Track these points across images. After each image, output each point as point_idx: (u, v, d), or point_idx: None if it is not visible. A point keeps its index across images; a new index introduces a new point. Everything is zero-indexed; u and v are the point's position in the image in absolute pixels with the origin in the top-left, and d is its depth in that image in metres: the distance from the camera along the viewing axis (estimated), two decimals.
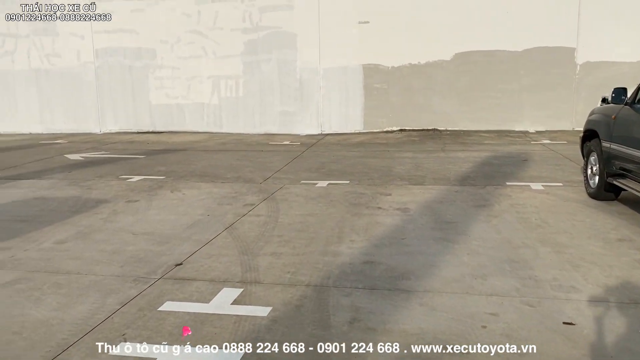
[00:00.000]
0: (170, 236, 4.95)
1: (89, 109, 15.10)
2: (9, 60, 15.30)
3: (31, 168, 9.22)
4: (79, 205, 6.31)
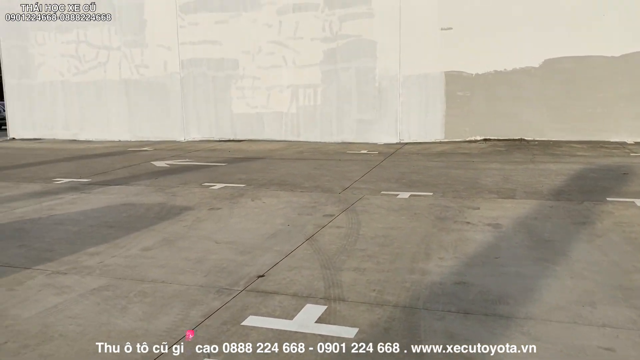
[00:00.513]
0: (252, 246, 4.89)
1: (174, 117, 15.64)
2: (102, 71, 16.17)
3: (120, 174, 9.60)
4: (164, 212, 6.43)
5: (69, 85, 16.64)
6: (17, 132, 17.71)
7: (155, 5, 15.32)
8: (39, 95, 17.12)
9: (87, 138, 16.61)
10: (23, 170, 10.45)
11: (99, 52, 16.09)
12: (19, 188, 8.36)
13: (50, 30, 16.48)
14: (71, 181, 8.90)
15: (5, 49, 17.45)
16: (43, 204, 7.00)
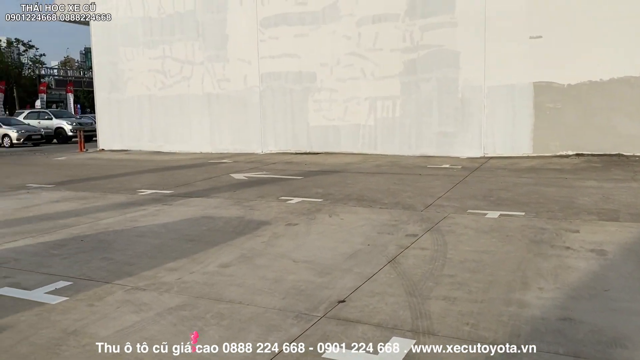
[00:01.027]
0: (331, 266, 4.65)
1: (253, 130, 15.83)
2: (186, 85, 16.68)
3: (200, 186, 9.72)
4: (242, 226, 6.35)
5: (154, 99, 17.31)
6: (107, 143, 18.63)
7: (237, 21, 15.64)
8: (127, 108, 17.94)
9: (170, 150, 17.17)
10: (110, 181, 10.85)
11: (183, 66, 16.63)
12: (105, 199, 8.63)
13: (138, 46, 17.26)
14: (154, 193, 9.09)
15: (97, 65, 18.47)
16: (127, 215, 7.14)
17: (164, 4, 16.61)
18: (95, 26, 18.03)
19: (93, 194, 9.17)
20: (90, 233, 6.17)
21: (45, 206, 8.03)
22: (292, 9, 14.80)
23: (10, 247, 5.57)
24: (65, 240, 5.82)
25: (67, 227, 6.50)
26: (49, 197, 8.87)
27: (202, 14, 16.11)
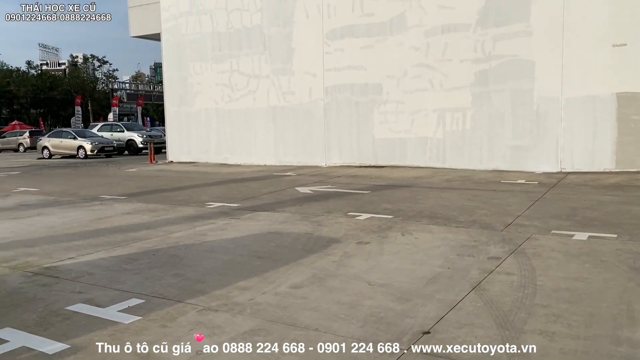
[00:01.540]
0: (410, 292, 4.35)
1: (317, 142, 15.73)
2: (252, 98, 16.83)
3: (266, 199, 9.64)
4: (311, 243, 6.15)
5: (221, 112, 17.58)
6: (175, 155, 19.08)
7: (303, 34, 15.65)
8: (195, 121, 18.31)
9: (236, 162, 17.35)
10: (179, 193, 10.99)
11: (249, 80, 16.80)
12: (175, 211, 8.69)
13: (207, 60, 17.62)
14: (222, 206, 9.08)
15: (167, 79, 19.00)
16: (196, 229, 7.11)
17: (232, 19, 16.88)
18: (165, 42, 18.58)
19: (163, 206, 9.28)
20: (162, 247, 6.15)
21: (117, 218, 8.17)
22: (358, 20, 14.64)
23: (85, 260, 5.62)
24: (137, 254, 5.81)
25: (139, 240, 6.53)
26: (121, 209, 9.04)
27: (269, 28, 16.24)
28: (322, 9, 15.23)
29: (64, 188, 12.42)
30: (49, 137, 27.32)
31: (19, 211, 9.10)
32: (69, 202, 10.04)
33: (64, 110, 68.60)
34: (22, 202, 10.23)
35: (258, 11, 16.36)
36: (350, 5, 14.76)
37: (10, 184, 13.47)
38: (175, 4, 18.11)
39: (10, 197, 11.03)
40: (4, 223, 7.96)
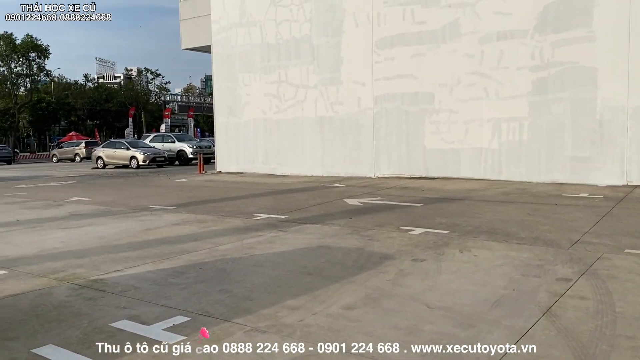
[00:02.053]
0: (473, 316, 3.99)
1: (365, 153, 15.43)
2: (299, 108, 16.72)
3: (314, 211, 9.40)
4: (363, 259, 5.85)
5: (269, 122, 17.55)
6: (223, 166, 19.17)
7: (352, 43, 15.44)
8: (243, 132, 18.36)
9: (283, 172, 17.25)
10: (227, 204, 10.91)
11: (297, 90, 16.71)
12: (222, 222, 8.57)
13: (255, 71, 17.66)
14: (269, 217, 8.91)
15: (217, 90, 19.18)
16: (244, 242, 6.93)
17: (281, 30, 16.87)
18: (215, 54, 18.77)
19: (211, 217, 9.19)
20: (209, 260, 5.99)
21: (165, 229, 8.11)
22: (409, 28, 14.31)
23: (132, 273, 5.51)
24: (184, 268, 5.67)
25: (186, 252, 6.40)
26: (169, 220, 9.00)
27: (318, 38, 16.12)
28: (372, 18, 14.99)
29: (115, 198, 12.59)
30: (103, 148, 28.13)
31: (71, 221, 9.21)
32: (120, 212, 10.11)
33: (119, 122, 70.96)
34: (74, 211, 10.37)
35: (307, 21, 16.28)
36: (400, 13, 14.46)
37: (65, 193, 13.78)
38: (225, 16, 18.28)
39: (64, 206, 11.23)
40: (55, 232, 8.03)
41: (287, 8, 16.68)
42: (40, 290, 4.94)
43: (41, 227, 8.55)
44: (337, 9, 15.67)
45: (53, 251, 6.69)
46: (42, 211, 10.54)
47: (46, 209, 10.81)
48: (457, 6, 13.64)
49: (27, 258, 6.32)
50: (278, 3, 16.88)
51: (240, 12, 17.84)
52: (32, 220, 9.37)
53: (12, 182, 18.53)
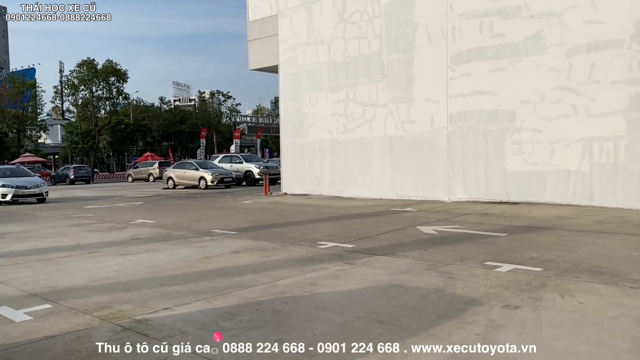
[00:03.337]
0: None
1: (439, 175, 14.44)
2: (368, 128, 16.00)
3: (384, 240, 8.58)
4: (444, 304, 4.97)
5: (336, 142, 16.94)
6: (289, 187, 18.71)
7: (425, 59, 14.60)
8: (309, 152, 17.85)
9: (350, 195, 16.53)
10: (290, 229, 10.29)
11: (365, 109, 16.02)
12: (284, 251, 7.93)
13: (322, 90, 17.16)
14: (335, 246, 8.18)
15: (283, 110, 18.84)
16: (306, 276, 6.22)
17: (349, 47, 16.31)
18: (283, 73, 18.47)
19: (273, 244, 8.58)
20: (266, 299, 5.32)
21: (224, 258, 7.56)
22: (487, 42, 13.31)
23: (180, 312, 4.92)
24: (238, 308, 5.02)
25: (243, 287, 5.77)
26: (229, 247, 8.47)
27: (388, 54, 15.41)
28: (447, 32, 14.11)
29: (179, 220, 12.31)
30: (174, 168, 28.55)
31: (130, 246, 8.88)
32: (180, 237, 9.72)
33: (192, 143, 73.11)
34: (135, 235, 10.10)
35: (377, 37, 15.63)
36: (478, 26, 13.50)
37: (131, 215, 13.70)
38: (292, 36, 17.98)
39: (127, 229, 11.03)
40: (111, 259, 7.68)
41: (356, 25, 16.11)
42: (79, 332, 4.43)
43: (99, 253, 8.25)
44: (408, 24, 14.92)
45: (104, 282, 6.27)
46: (105, 235, 10.35)
47: (109, 232, 10.62)
48: (541, 16, 12.53)
49: (76, 289, 5.92)
50: (347, 20, 16.35)
51: (308, 30, 17.47)
52: (92, 244, 9.14)
53: (85, 203, 18.91)
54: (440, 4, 14.22)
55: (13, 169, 21.51)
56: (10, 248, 8.95)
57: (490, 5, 13.33)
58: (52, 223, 12.42)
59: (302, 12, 17.60)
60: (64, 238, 9.96)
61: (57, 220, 12.96)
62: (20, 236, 10.34)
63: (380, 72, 15.58)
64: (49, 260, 7.76)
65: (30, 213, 15.08)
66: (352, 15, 16.21)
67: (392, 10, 15.30)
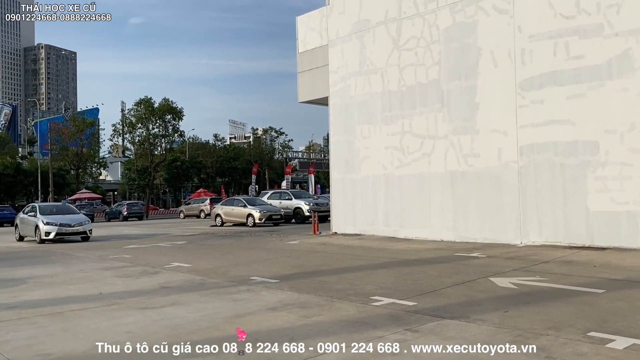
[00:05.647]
0: None
1: (509, 215, 12.77)
2: (426, 162, 14.58)
3: (452, 296, 7.09)
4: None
5: (390, 178, 15.57)
6: (339, 226, 17.38)
7: (490, 86, 13.17)
8: (361, 189, 16.54)
9: (406, 235, 15.02)
10: (339, 278, 8.93)
11: (423, 142, 14.64)
12: (330, 309, 6.58)
13: (375, 123, 15.95)
14: (392, 303, 6.76)
15: (334, 144, 17.71)
16: (354, 352, 4.84)
17: (405, 76, 15.09)
18: (333, 105, 17.44)
19: (317, 298, 7.25)
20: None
21: (257, 317, 6.28)
22: (563, 65, 11.77)
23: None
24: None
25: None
26: (266, 301, 7.21)
27: (447, 82, 14.07)
28: (515, 56, 12.67)
29: (217, 264, 11.19)
30: (222, 205, 27.82)
31: (156, 296, 7.77)
32: (213, 286, 8.56)
33: (245, 179, 73.29)
34: (165, 282, 9.01)
35: (435, 64, 14.34)
36: (551, 48, 12.00)
37: (168, 257, 12.71)
38: (344, 65, 16.97)
39: (158, 274, 9.98)
40: (129, 316, 6.55)
41: (411, 52, 14.91)
42: None
43: (118, 306, 7.17)
44: (471, 49, 13.58)
45: (110, 349, 5.09)
46: (133, 281, 9.33)
47: (138, 278, 9.59)
48: (628, 34, 10.93)
49: None
50: (402, 47, 15.19)
51: (360, 59, 16.40)
52: (116, 294, 8.09)
53: (127, 242, 18.22)
54: (506, 25, 12.84)
55: (59, 206, 21.29)
56: (26, 297, 8.03)
57: (565, 24, 11.84)
58: (83, 265, 11.58)
59: (354, 40, 16.59)
60: (88, 285, 8.99)
61: (90, 262, 12.13)
62: (44, 281, 9.47)
63: (440, 101, 14.22)
64: (59, 314, 6.74)
65: (68, 253, 14.40)
66: (407, 42, 15.04)
67: (452, 35, 14.03)
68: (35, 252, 15.14)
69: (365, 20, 16.23)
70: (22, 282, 9.40)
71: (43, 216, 18.22)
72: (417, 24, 14.85)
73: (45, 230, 17.68)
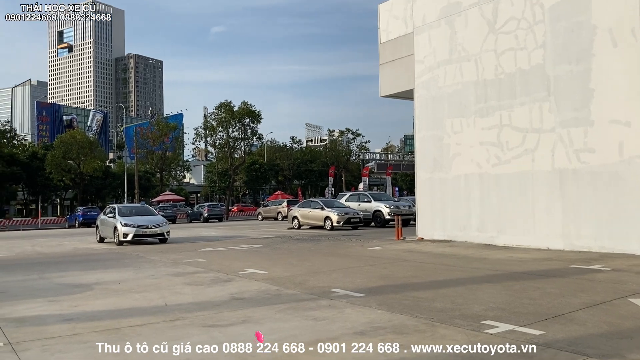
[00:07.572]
0: None
1: (634, 220, 10.82)
2: (529, 159, 12.82)
3: (588, 323, 5.55)
4: None
5: (486, 178, 13.91)
6: (426, 231, 15.89)
7: (608, 69, 11.27)
8: (452, 190, 14.97)
9: (505, 242, 13.30)
10: (436, 293, 7.55)
11: (525, 136, 12.88)
12: (434, 336, 5.26)
13: (468, 115, 14.35)
14: (511, 331, 5.35)
15: (419, 141, 16.25)
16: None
17: (502, 62, 13.40)
18: (419, 98, 15.99)
19: (415, 320, 5.95)
20: None
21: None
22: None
23: None
24: None
25: None
26: (352, 322, 6.00)
27: (554, 66, 12.26)
28: (639, 33, 10.71)
29: (294, 272, 10.14)
30: (299, 207, 26.97)
31: (226, 310, 6.78)
32: (290, 298, 7.47)
33: (322, 181, 72.82)
34: (238, 292, 8.03)
35: (539, 47, 12.56)
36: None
37: (243, 262, 11.83)
38: (431, 54, 15.49)
39: (231, 283, 9.04)
40: (191, 336, 5.55)
41: (510, 34, 13.20)
42: None
43: (182, 322, 6.21)
44: (583, 27, 11.71)
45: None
46: (203, 290, 8.43)
47: (209, 287, 8.69)
48: None
49: None
50: (499, 30, 13.51)
51: (450, 46, 14.86)
52: (182, 306, 7.19)
53: (203, 244, 17.67)
54: None
55: (138, 207, 21.19)
56: (86, 307, 7.30)
57: None
58: (154, 270, 10.91)
59: (443, 26, 15.07)
60: (154, 294, 8.18)
61: (162, 267, 11.46)
62: (110, 288, 8.79)
63: (545, 89, 12.42)
64: (115, 330, 5.87)
65: (142, 256, 13.92)
66: (505, 24, 13.34)
67: (559, 13, 12.21)
68: (110, 255, 14.84)
69: (456, 2, 14.67)
70: (89, 289, 8.77)
71: (122, 217, 18.07)
72: (516, 3, 13.13)
73: (123, 232, 17.48)
